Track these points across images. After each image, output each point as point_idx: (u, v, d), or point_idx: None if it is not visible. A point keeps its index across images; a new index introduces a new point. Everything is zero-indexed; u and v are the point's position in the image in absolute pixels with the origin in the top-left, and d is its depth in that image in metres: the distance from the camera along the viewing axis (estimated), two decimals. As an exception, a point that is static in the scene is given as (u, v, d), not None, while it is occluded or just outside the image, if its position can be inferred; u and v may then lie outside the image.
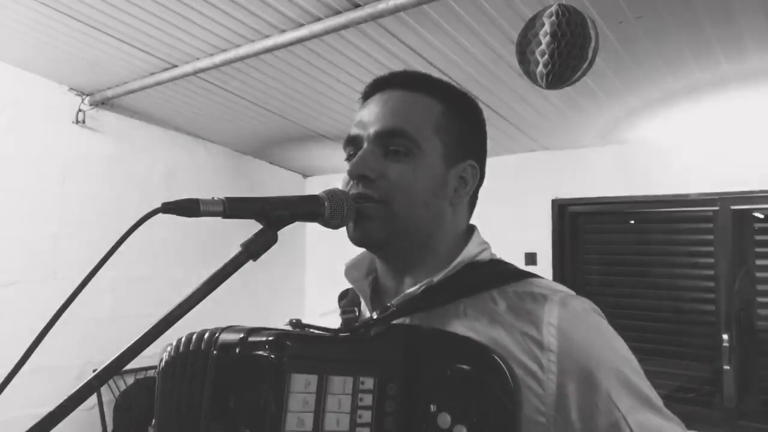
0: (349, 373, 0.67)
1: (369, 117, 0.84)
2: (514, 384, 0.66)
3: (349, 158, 0.86)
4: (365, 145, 0.82)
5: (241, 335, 0.74)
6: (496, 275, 0.83)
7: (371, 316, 0.79)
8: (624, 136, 3.20)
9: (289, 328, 0.79)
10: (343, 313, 0.87)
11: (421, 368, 0.67)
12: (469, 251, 0.84)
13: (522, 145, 3.49)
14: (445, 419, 0.65)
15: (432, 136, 0.82)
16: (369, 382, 0.66)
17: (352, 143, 0.85)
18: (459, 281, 0.81)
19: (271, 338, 0.71)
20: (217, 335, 0.77)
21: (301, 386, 0.66)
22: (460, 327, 0.76)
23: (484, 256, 0.86)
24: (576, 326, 0.74)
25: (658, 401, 0.75)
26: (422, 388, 0.66)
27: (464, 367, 0.67)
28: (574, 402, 0.71)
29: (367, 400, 0.66)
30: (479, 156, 0.89)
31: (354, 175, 0.80)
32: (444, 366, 0.67)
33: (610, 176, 3.33)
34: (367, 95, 0.89)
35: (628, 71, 2.42)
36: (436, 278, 0.79)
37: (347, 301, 0.93)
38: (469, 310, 0.78)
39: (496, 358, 0.67)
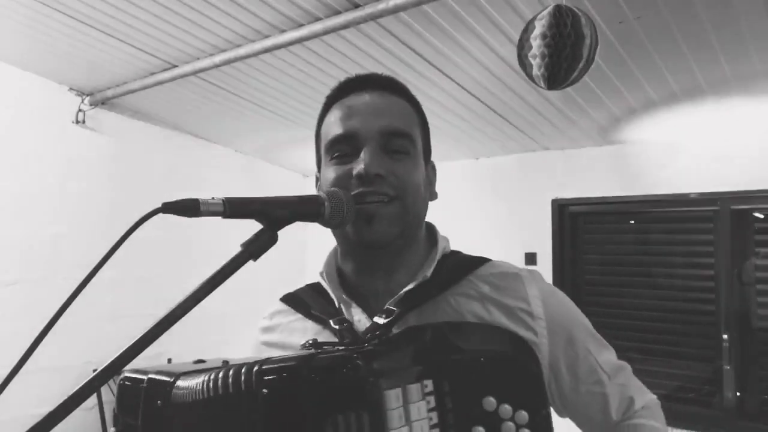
0: (416, 379, 0.67)
1: (363, 115, 0.84)
2: (534, 353, 0.75)
3: (338, 157, 0.84)
4: (369, 143, 0.82)
5: (295, 363, 0.64)
6: (468, 263, 0.89)
7: (376, 322, 0.79)
8: (624, 136, 3.20)
9: (306, 350, 0.75)
10: (338, 322, 0.83)
11: (459, 361, 0.71)
12: (442, 244, 0.90)
13: (522, 145, 3.49)
14: (489, 402, 0.70)
15: (418, 138, 0.88)
16: (430, 385, 0.68)
17: (345, 141, 0.83)
18: (443, 272, 0.85)
19: (340, 361, 0.65)
20: (256, 368, 0.64)
21: (394, 402, 0.64)
22: (460, 315, 0.82)
23: (449, 247, 0.92)
24: (550, 295, 0.87)
25: (600, 336, 0.90)
26: (465, 379, 0.70)
27: (494, 350, 0.74)
28: (562, 357, 0.84)
29: (431, 401, 0.67)
30: (430, 155, 0.95)
31: (371, 174, 0.79)
32: (477, 354, 0.72)
33: (610, 176, 3.33)
34: (339, 95, 0.89)
35: (628, 71, 2.42)
36: (429, 272, 0.84)
37: (324, 309, 0.88)
38: (459, 299, 0.84)
39: (516, 335, 0.76)
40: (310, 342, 0.77)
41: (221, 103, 3.32)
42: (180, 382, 0.70)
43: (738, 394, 2.94)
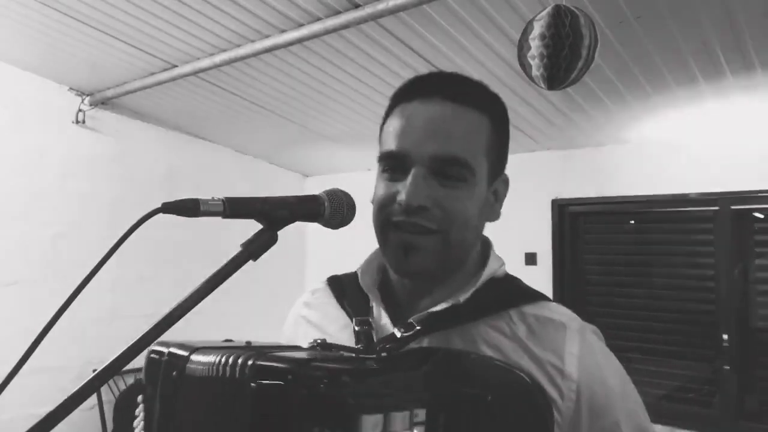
0: (405, 406, 0.63)
1: (419, 134, 0.77)
2: (550, 408, 0.69)
3: (389, 171, 0.79)
4: (416, 168, 0.76)
5: (283, 365, 0.65)
6: (514, 295, 0.82)
7: (393, 334, 0.77)
8: (624, 136, 3.20)
9: (314, 348, 0.75)
10: (359, 323, 0.81)
11: (464, 395, 0.67)
12: (492, 267, 0.83)
13: (522, 145, 3.49)
14: None
15: (483, 159, 0.79)
16: (422, 414, 0.63)
17: (396, 158, 0.78)
18: (481, 299, 0.79)
19: (327, 373, 0.63)
20: (251, 361, 0.66)
21: (370, 428, 0.60)
22: (486, 350, 0.76)
23: (502, 271, 0.85)
24: (593, 357, 0.77)
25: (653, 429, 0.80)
26: (466, 415, 0.66)
27: (505, 392, 0.68)
28: (585, 429, 0.74)
29: None
30: (505, 166, 0.87)
31: (412, 206, 0.75)
32: (485, 392, 0.67)
33: (610, 176, 3.33)
34: (406, 97, 0.81)
35: (628, 71, 2.42)
36: (463, 298, 0.78)
37: (355, 305, 0.87)
38: (491, 332, 0.77)
39: (534, 383, 0.69)
40: (318, 342, 0.75)
41: (221, 103, 3.32)
42: (194, 357, 0.73)
43: (738, 394, 2.93)
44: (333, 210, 0.75)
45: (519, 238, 3.50)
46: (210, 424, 0.69)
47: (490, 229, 0.91)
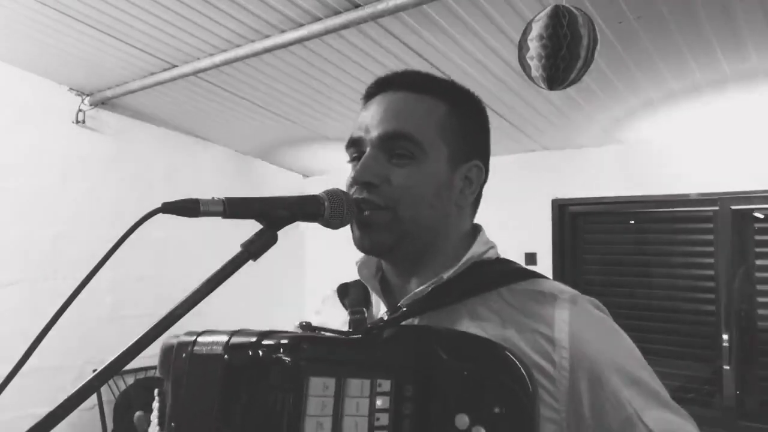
0: (367, 375, 0.65)
1: (371, 119, 0.82)
2: (532, 383, 0.67)
3: (352, 160, 0.85)
4: (368, 149, 0.81)
5: (254, 338, 0.71)
6: (504, 274, 0.83)
7: (381, 317, 0.79)
8: (624, 136, 3.20)
9: (299, 331, 0.77)
10: (352, 313, 0.84)
11: (438, 369, 0.67)
12: (476, 250, 0.84)
13: (522, 145, 3.49)
14: (463, 420, 0.64)
15: (436, 138, 0.81)
16: (386, 384, 0.65)
17: (355, 145, 0.84)
18: (467, 280, 0.80)
19: (286, 341, 0.68)
20: (228, 338, 0.73)
21: (320, 389, 0.65)
22: (471, 326, 0.77)
23: (491, 254, 0.87)
24: (587, 324, 0.76)
25: (667, 395, 0.76)
26: (439, 390, 0.66)
27: (481, 367, 0.67)
28: (586, 398, 0.72)
29: (385, 402, 0.65)
30: (484, 155, 0.90)
31: (358, 181, 0.79)
32: (461, 366, 0.67)
33: (610, 176, 3.33)
34: (369, 95, 0.87)
35: (628, 71, 2.42)
36: (446, 276, 0.79)
37: (353, 299, 0.90)
38: (479, 309, 0.78)
39: (513, 357, 0.68)
40: (304, 323, 0.78)
41: (221, 103, 3.32)
42: (199, 339, 0.78)
43: (738, 394, 2.93)
44: (333, 210, 0.75)
45: (519, 238, 3.49)
46: (206, 396, 0.74)
47: (490, 229, 0.91)
